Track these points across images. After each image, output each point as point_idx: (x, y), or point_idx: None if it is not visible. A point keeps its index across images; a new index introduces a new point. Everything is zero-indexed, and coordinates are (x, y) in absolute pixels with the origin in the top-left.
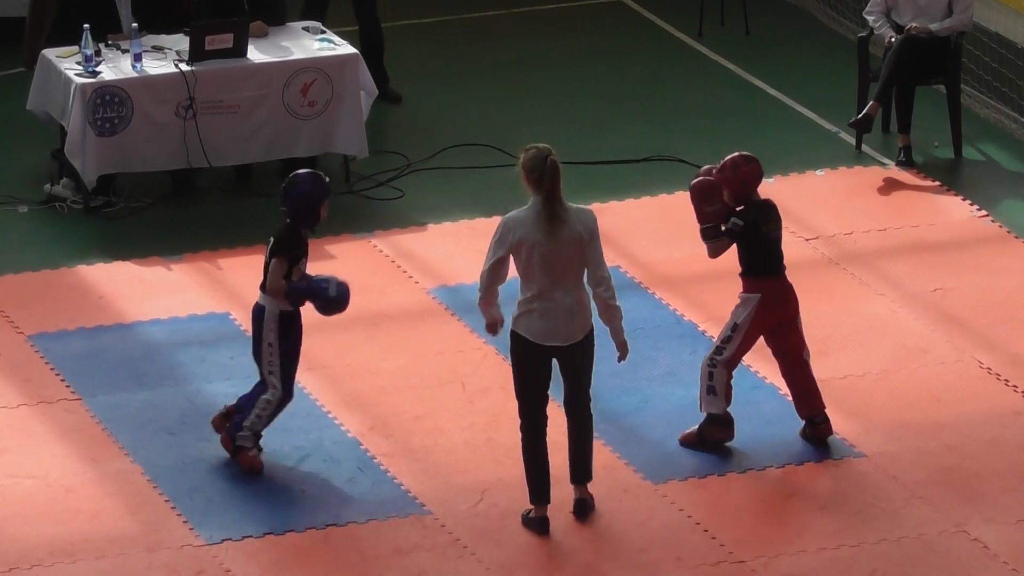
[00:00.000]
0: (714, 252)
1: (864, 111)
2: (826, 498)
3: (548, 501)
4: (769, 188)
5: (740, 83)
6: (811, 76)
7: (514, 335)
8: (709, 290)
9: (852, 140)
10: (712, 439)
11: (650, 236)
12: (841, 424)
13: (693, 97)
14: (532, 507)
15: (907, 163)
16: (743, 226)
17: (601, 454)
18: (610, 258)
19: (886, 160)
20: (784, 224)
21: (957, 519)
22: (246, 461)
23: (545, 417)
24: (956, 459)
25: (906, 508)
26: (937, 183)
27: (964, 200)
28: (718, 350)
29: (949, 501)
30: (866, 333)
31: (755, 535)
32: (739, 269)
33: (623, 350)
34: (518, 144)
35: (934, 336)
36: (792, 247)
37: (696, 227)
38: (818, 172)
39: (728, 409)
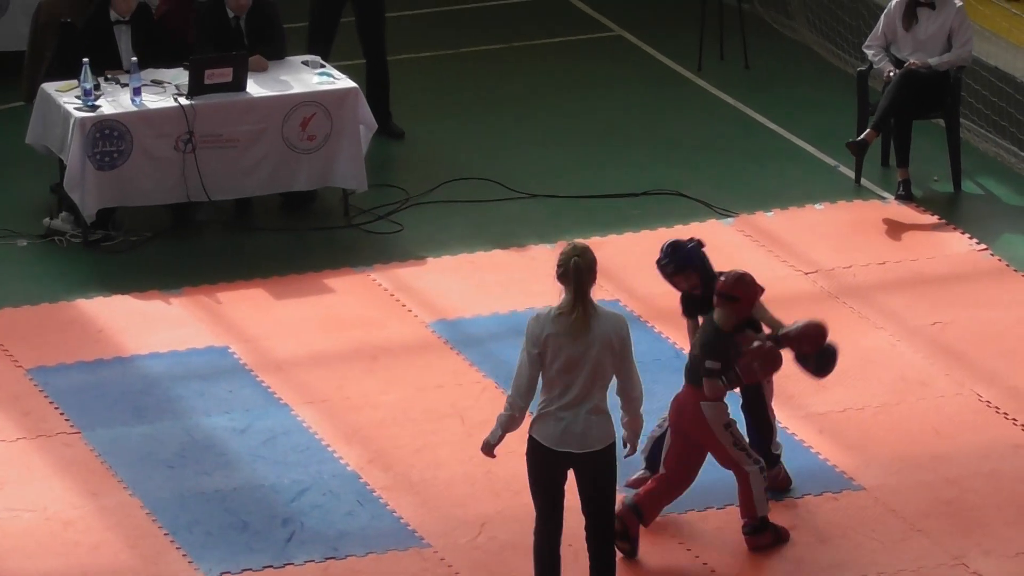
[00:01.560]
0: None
1: (861, 136)
2: (825, 531)
3: None
4: (768, 221)
5: (740, 117)
6: (810, 110)
7: (530, 438)
8: None
9: (851, 174)
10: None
11: (649, 270)
12: (840, 457)
13: (693, 131)
14: None
15: (906, 197)
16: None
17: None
18: (609, 291)
19: (885, 194)
20: (783, 258)
21: (956, 552)
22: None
23: (559, 525)
24: (955, 492)
25: (905, 541)
26: (936, 217)
27: (963, 234)
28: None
29: (948, 534)
30: (865, 366)
31: (754, 568)
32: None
33: (631, 449)
34: (518, 178)
35: (933, 369)
36: (791, 281)
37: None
38: (817, 206)
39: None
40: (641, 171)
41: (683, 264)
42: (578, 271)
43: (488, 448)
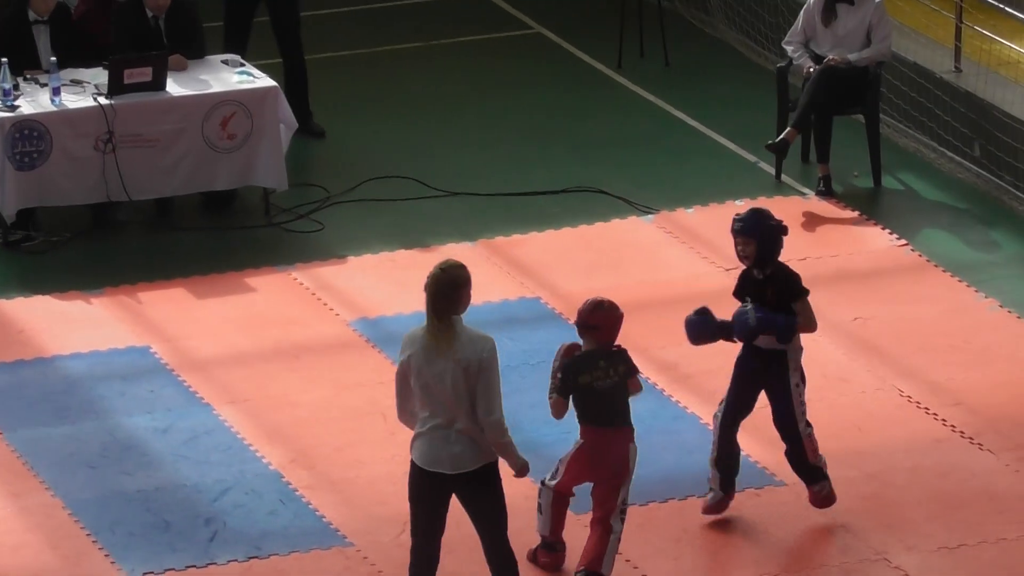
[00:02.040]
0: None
1: (782, 135)
2: (748, 527)
3: None
4: (689, 218)
5: (660, 114)
6: (730, 106)
7: (411, 459)
8: (629, 320)
9: (772, 170)
10: (536, 562)
11: (570, 267)
12: (762, 453)
13: (613, 128)
14: None
15: (827, 193)
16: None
17: (523, 484)
18: (531, 289)
19: (806, 190)
20: (704, 254)
21: (878, 547)
22: None
23: (433, 555)
24: (877, 487)
25: (828, 537)
26: (857, 213)
27: (884, 229)
28: (552, 473)
29: (870, 529)
30: None
31: (677, 565)
32: (660, 302)
33: (521, 470)
34: (439, 176)
35: (854, 365)
36: (712, 277)
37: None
38: (738, 202)
39: (550, 536)
40: (562, 168)
41: (750, 229)
42: (434, 286)
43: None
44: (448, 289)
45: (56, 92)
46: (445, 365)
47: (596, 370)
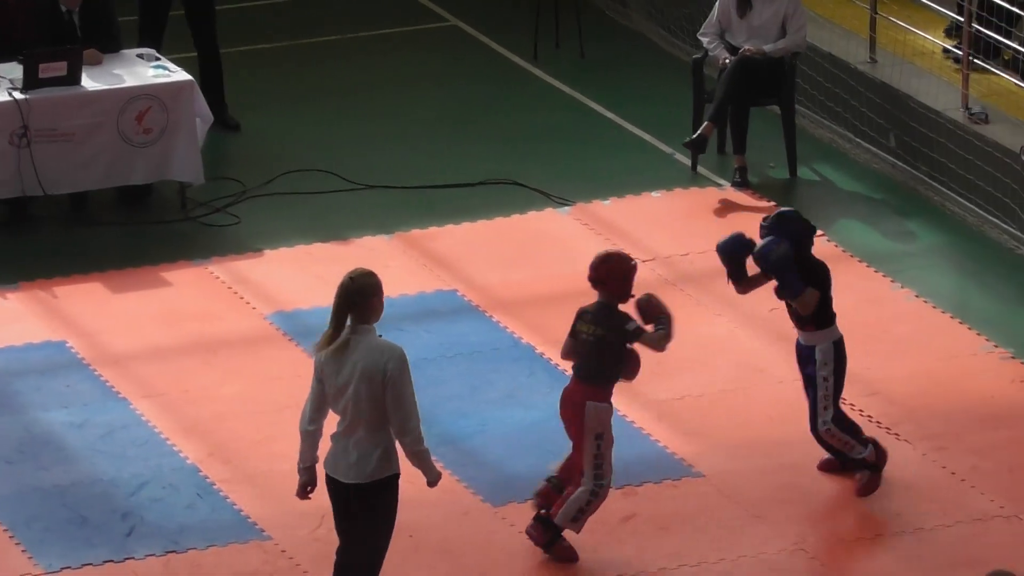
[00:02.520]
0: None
1: (699, 131)
2: (666, 518)
3: None
4: (605, 210)
5: (576, 105)
6: (646, 98)
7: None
8: (546, 313)
9: (688, 161)
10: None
11: (487, 259)
12: (679, 444)
13: (529, 120)
14: None
15: (742, 184)
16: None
17: (442, 477)
18: (447, 282)
19: (722, 181)
20: (620, 246)
21: (795, 538)
22: None
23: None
24: (794, 477)
25: (745, 527)
26: (772, 203)
27: None
28: None
29: (788, 520)
30: (704, 353)
31: (595, 556)
32: (578, 293)
33: (431, 482)
34: (355, 169)
35: (771, 355)
36: None
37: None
38: (654, 193)
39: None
40: (478, 161)
41: (779, 233)
42: (341, 293)
43: (299, 486)
44: (357, 297)
45: None
46: (348, 375)
47: (583, 323)
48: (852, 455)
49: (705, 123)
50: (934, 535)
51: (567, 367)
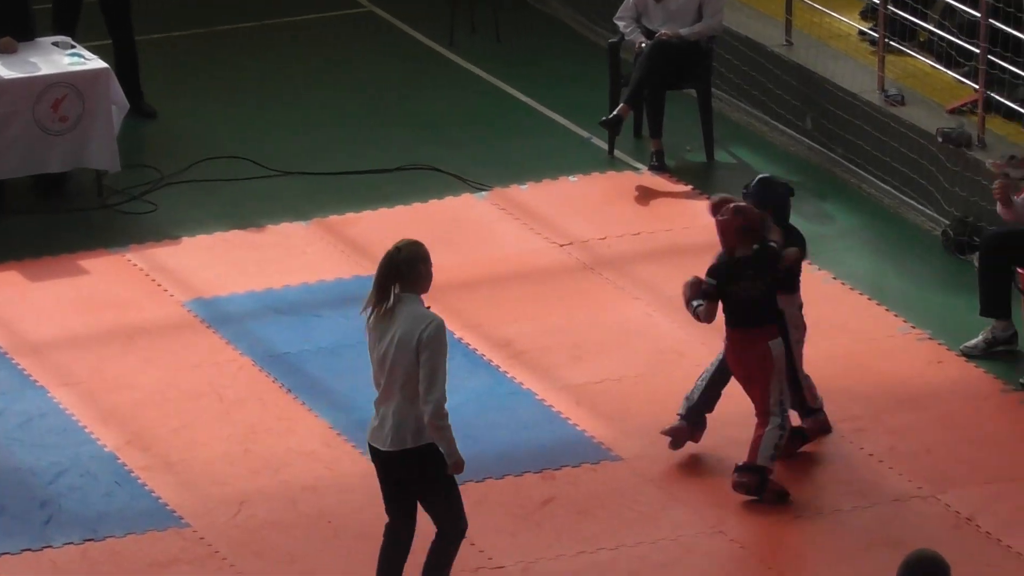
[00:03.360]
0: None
1: (615, 112)
2: (584, 502)
3: None
4: (522, 194)
5: (493, 90)
6: (563, 82)
7: None
8: (465, 298)
9: (605, 145)
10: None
11: None
12: (598, 428)
13: (446, 105)
14: None
15: (659, 167)
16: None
17: (359, 463)
18: (365, 268)
19: (639, 165)
20: (538, 231)
21: (714, 521)
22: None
23: (399, 525)
24: (713, 461)
25: (664, 511)
26: (690, 187)
27: None
28: None
29: (706, 503)
30: (622, 337)
31: (514, 540)
32: (496, 278)
33: (453, 466)
34: (272, 156)
35: (689, 339)
36: (547, 253)
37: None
38: (571, 178)
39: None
40: (395, 147)
41: (762, 199)
42: (386, 263)
43: None
44: (404, 267)
45: None
46: (387, 343)
47: (740, 279)
48: (817, 405)
49: (621, 105)
50: (852, 516)
51: (486, 351)
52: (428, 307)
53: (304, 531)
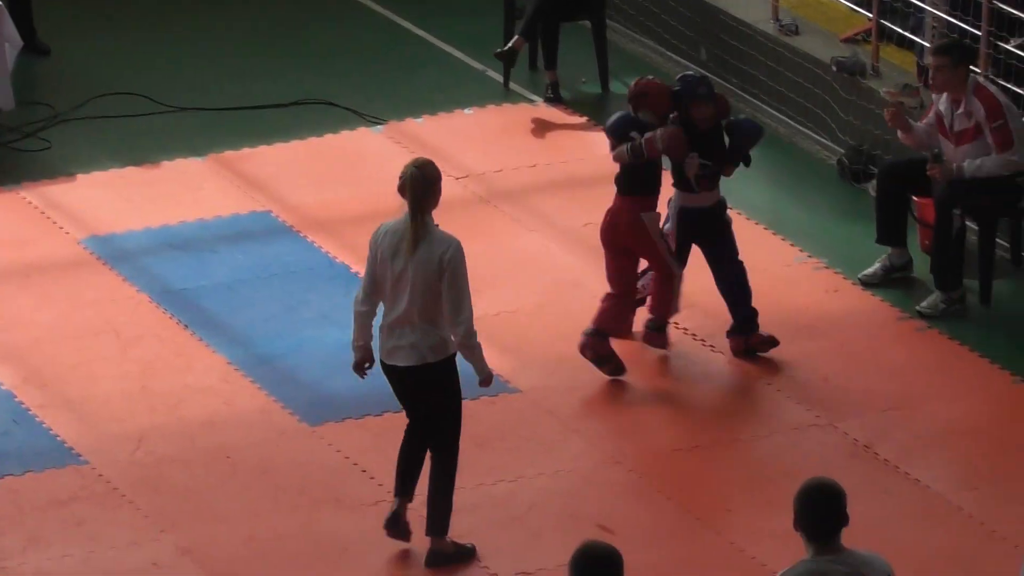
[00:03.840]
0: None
1: (510, 44)
2: (483, 435)
3: (405, 495)
4: (418, 128)
5: (387, 24)
6: (457, 15)
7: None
8: (361, 232)
9: (500, 78)
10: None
11: (301, 180)
12: (496, 360)
13: (340, 39)
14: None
15: (555, 99)
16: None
17: (257, 398)
18: (261, 203)
19: (534, 97)
20: (437, 163)
21: (612, 451)
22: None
23: (414, 430)
24: (612, 392)
25: (563, 441)
26: (585, 118)
27: None
28: None
29: (604, 434)
30: (519, 269)
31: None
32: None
33: (482, 380)
34: (166, 92)
35: (587, 270)
36: (443, 187)
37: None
38: (466, 111)
39: None
40: (290, 81)
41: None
42: (413, 183)
43: (353, 364)
44: (432, 184)
45: None
46: (409, 261)
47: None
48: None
49: (516, 37)
50: (751, 445)
51: None
52: (436, 225)
53: (202, 467)
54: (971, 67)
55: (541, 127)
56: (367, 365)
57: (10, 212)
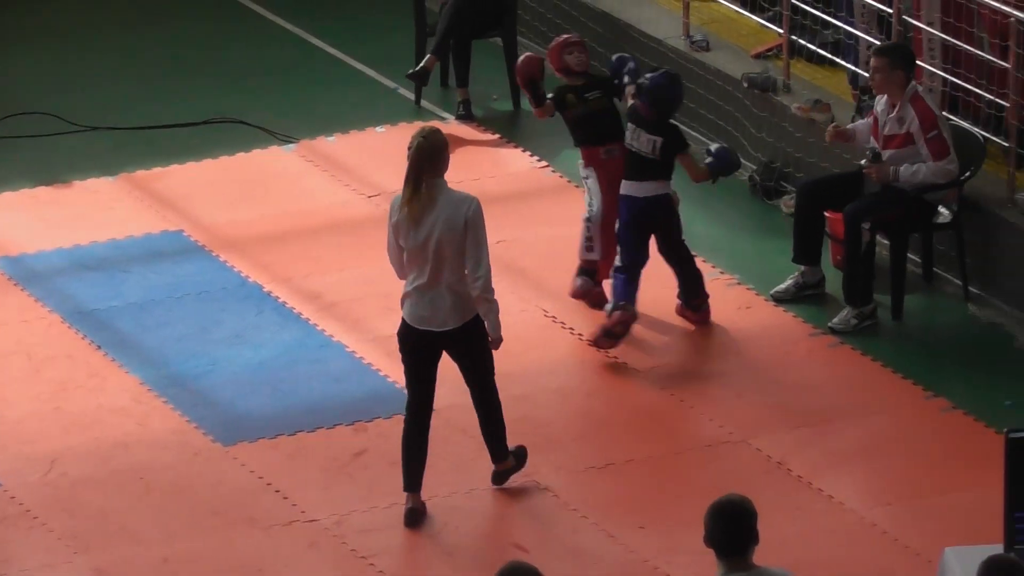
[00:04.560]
0: None
1: (422, 64)
2: (397, 454)
3: (417, 489)
4: (330, 146)
5: (298, 43)
6: (369, 33)
7: (402, 318)
8: (273, 251)
9: (411, 95)
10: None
11: (213, 199)
12: (401, 375)
13: (252, 57)
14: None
15: (467, 116)
16: None
17: (170, 418)
18: (173, 222)
19: (445, 114)
20: (346, 182)
21: (528, 469)
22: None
23: (427, 407)
24: (526, 409)
25: (476, 460)
26: (497, 135)
27: (524, 151)
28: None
29: None
30: None
31: (327, 494)
32: (305, 231)
33: (493, 342)
34: (78, 111)
35: (499, 287)
36: (355, 205)
37: None
38: (379, 128)
39: None
40: (202, 100)
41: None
42: (418, 153)
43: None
44: (434, 152)
45: None
46: (430, 227)
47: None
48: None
49: (428, 56)
50: (664, 462)
51: (296, 304)
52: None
53: (116, 488)
54: (910, 75)
55: (453, 144)
56: None
57: None
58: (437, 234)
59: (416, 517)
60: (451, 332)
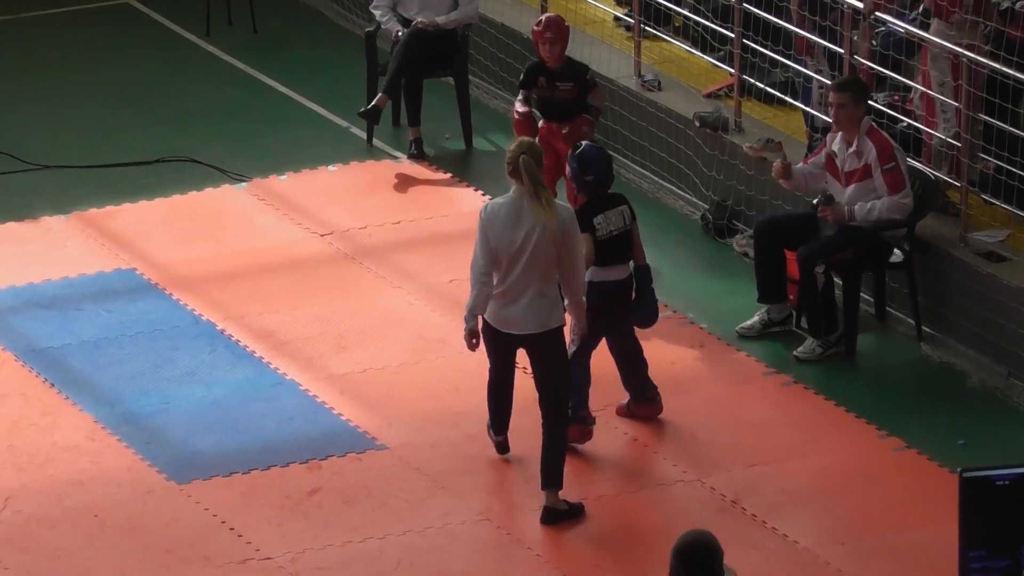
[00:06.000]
0: None
1: (373, 103)
2: (351, 492)
3: (503, 432)
4: (282, 185)
5: (250, 81)
6: (320, 72)
7: (484, 317)
8: (226, 290)
9: (363, 135)
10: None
11: (165, 237)
12: (363, 417)
13: (204, 97)
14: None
15: (419, 156)
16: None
17: (124, 456)
18: (126, 261)
19: (398, 153)
20: (298, 221)
21: (480, 508)
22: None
23: (508, 383)
24: (478, 448)
25: (430, 498)
26: (449, 175)
27: (476, 191)
28: None
29: (472, 490)
30: (385, 326)
31: (281, 531)
32: (257, 269)
33: (583, 330)
34: (30, 149)
35: (452, 326)
36: (308, 244)
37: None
38: (330, 167)
39: None
40: (154, 139)
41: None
42: (528, 167)
43: (469, 332)
44: (540, 163)
45: None
46: (530, 232)
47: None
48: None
49: (379, 95)
50: (618, 501)
51: (249, 343)
52: None
53: (70, 526)
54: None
55: (405, 183)
56: (475, 341)
57: None
58: (537, 238)
59: (504, 448)
60: (533, 336)
